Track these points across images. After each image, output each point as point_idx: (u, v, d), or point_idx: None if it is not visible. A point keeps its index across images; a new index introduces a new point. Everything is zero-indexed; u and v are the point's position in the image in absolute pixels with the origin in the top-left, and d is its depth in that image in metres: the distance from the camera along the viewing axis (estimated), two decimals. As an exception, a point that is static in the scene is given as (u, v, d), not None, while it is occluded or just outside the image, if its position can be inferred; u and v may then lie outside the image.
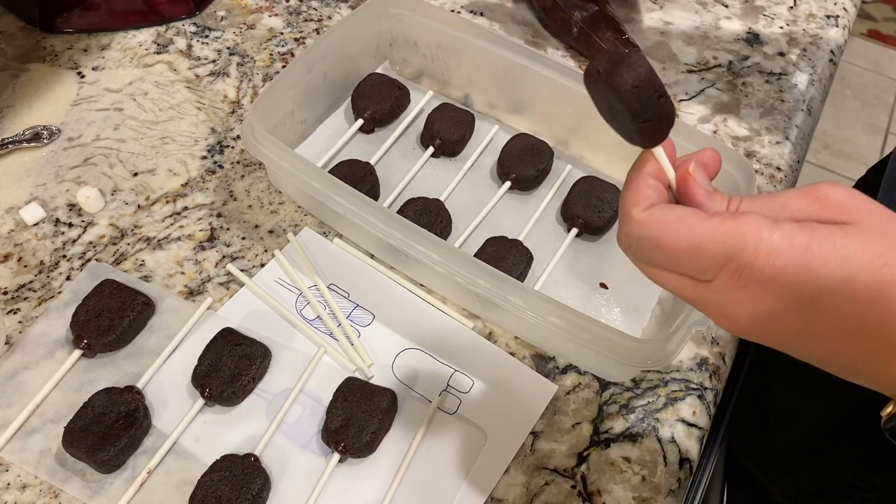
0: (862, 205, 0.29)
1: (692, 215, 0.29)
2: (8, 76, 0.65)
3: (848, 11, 0.78)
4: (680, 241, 0.29)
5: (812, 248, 0.28)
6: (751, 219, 0.28)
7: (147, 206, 0.57)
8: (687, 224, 0.29)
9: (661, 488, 0.47)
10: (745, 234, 0.28)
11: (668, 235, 0.30)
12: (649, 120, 0.31)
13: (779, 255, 0.28)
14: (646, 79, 0.30)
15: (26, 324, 0.50)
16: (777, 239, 0.28)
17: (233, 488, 0.43)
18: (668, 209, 0.30)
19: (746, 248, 0.28)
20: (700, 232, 0.29)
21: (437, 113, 0.61)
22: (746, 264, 0.28)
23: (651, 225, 0.30)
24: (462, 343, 0.51)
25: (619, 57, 0.30)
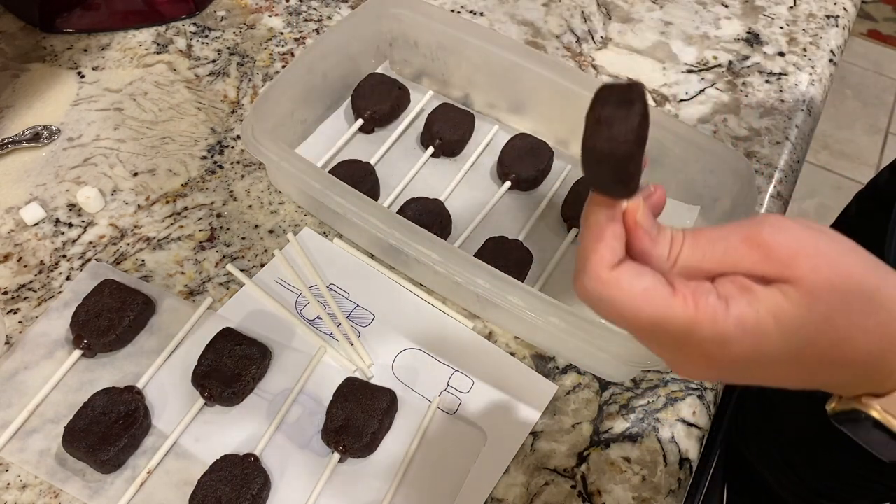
0: (805, 255, 0.29)
1: (656, 289, 0.29)
2: (8, 76, 0.65)
3: (848, 11, 0.78)
4: (640, 316, 0.29)
5: (761, 328, 0.29)
6: (708, 306, 0.29)
7: (147, 206, 0.57)
8: (651, 299, 0.29)
9: (661, 488, 0.47)
10: (702, 321, 0.29)
11: (630, 307, 0.30)
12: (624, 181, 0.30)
13: (731, 343, 0.29)
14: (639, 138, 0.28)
15: (26, 324, 0.50)
16: (730, 327, 0.29)
17: (233, 488, 0.43)
18: (635, 275, 0.30)
19: (703, 337, 0.29)
20: (661, 310, 0.29)
21: (437, 113, 0.61)
22: (701, 352, 0.30)
23: (615, 290, 0.30)
24: (462, 343, 0.51)
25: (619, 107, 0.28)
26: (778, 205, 0.62)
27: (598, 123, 0.28)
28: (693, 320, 0.29)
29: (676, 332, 0.29)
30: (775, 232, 0.29)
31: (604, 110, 0.28)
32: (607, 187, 0.30)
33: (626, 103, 0.28)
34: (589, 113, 0.29)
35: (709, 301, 0.29)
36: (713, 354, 0.30)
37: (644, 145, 0.29)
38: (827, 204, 1.83)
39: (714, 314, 0.29)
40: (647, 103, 0.28)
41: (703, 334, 0.29)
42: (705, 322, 0.29)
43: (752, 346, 0.29)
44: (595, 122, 0.29)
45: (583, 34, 0.72)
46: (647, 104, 0.28)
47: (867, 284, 0.29)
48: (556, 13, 0.74)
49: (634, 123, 0.28)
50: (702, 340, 0.29)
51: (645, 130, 0.28)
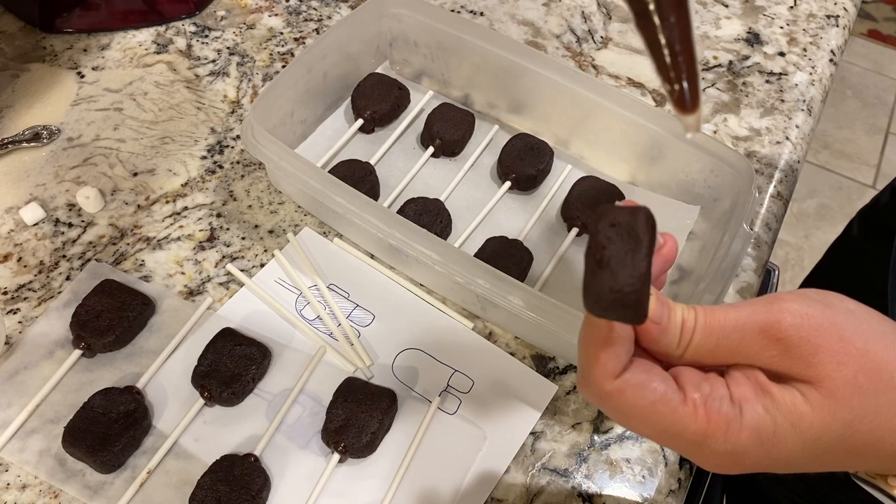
0: (828, 351, 0.26)
1: (663, 401, 0.27)
2: (8, 76, 0.65)
3: (848, 11, 0.78)
4: (648, 428, 0.28)
5: (779, 436, 0.27)
6: (720, 417, 0.27)
7: (147, 206, 0.57)
8: (658, 412, 0.27)
9: (661, 489, 0.47)
10: (714, 434, 0.27)
11: (636, 419, 0.28)
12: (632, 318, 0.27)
13: (746, 455, 0.27)
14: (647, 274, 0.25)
15: (26, 324, 0.50)
16: (745, 439, 0.27)
17: (233, 488, 0.43)
18: (640, 387, 0.28)
19: (715, 449, 0.27)
20: (670, 423, 0.27)
21: (437, 113, 0.61)
22: (715, 462, 0.28)
23: (620, 403, 0.28)
24: (462, 343, 0.51)
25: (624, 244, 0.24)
26: (778, 205, 0.62)
27: (601, 267, 0.25)
28: (704, 433, 0.27)
29: (688, 444, 0.28)
30: (796, 323, 0.27)
31: (607, 250, 0.25)
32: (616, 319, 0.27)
33: (632, 239, 0.24)
34: (589, 248, 0.25)
35: (721, 411, 0.27)
36: (727, 464, 0.28)
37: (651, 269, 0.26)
38: (827, 204, 1.83)
39: (727, 426, 0.27)
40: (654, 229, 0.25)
41: (714, 447, 0.27)
42: (718, 434, 0.27)
43: (768, 455, 0.27)
44: (596, 263, 0.25)
45: (583, 34, 0.72)
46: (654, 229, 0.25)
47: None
48: (557, 13, 0.74)
49: (643, 268, 0.24)
50: (713, 451, 0.27)
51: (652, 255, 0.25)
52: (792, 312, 0.27)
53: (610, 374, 0.28)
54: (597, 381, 0.28)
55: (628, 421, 0.29)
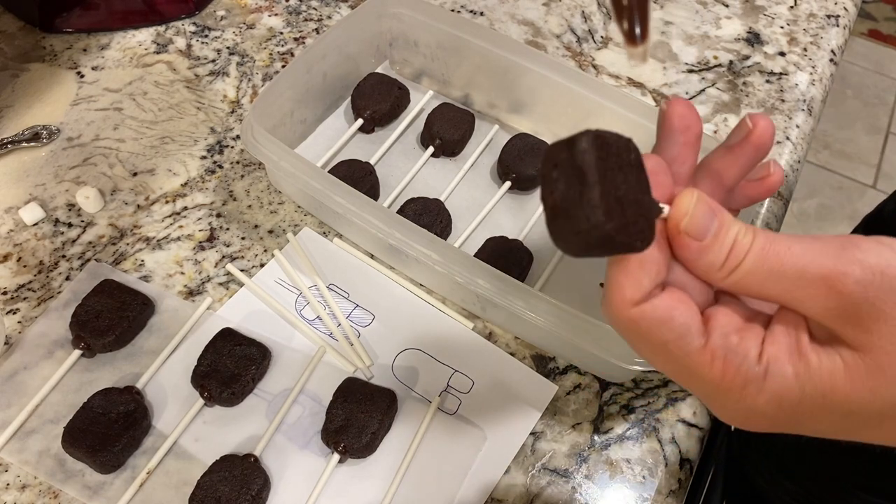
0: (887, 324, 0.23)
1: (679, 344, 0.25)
2: (8, 76, 0.64)
3: (848, 11, 0.78)
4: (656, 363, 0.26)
5: (804, 406, 0.24)
6: (738, 374, 0.24)
7: (146, 206, 0.57)
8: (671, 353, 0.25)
9: (661, 489, 0.47)
10: (728, 390, 0.25)
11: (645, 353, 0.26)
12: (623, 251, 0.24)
13: (763, 417, 0.25)
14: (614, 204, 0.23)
15: (26, 324, 0.50)
16: (762, 403, 0.24)
17: (233, 488, 0.43)
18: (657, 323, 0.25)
19: (725, 404, 0.25)
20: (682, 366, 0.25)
21: (437, 113, 0.61)
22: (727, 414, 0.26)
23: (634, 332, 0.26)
24: (462, 343, 0.51)
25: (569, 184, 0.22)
26: (778, 205, 0.62)
27: (555, 215, 0.23)
28: (717, 387, 0.25)
29: (699, 390, 0.26)
30: (865, 280, 0.23)
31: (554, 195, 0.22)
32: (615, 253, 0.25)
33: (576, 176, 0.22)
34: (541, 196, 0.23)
35: (740, 367, 0.24)
36: (740, 419, 0.26)
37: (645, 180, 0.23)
38: (827, 204, 1.83)
39: (744, 385, 0.24)
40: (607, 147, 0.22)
41: (726, 402, 0.25)
42: (732, 391, 0.25)
43: (784, 423, 0.25)
44: (551, 211, 0.23)
45: (583, 34, 0.72)
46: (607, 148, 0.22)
47: None
48: (557, 13, 0.74)
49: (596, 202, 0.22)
50: (724, 407, 0.26)
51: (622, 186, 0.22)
52: (864, 266, 0.23)
53: (628, 300, 0.25)
54: (614, 305, 0.26)
55: (641, 353, 0.27)
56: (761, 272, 0.25)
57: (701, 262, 0.26)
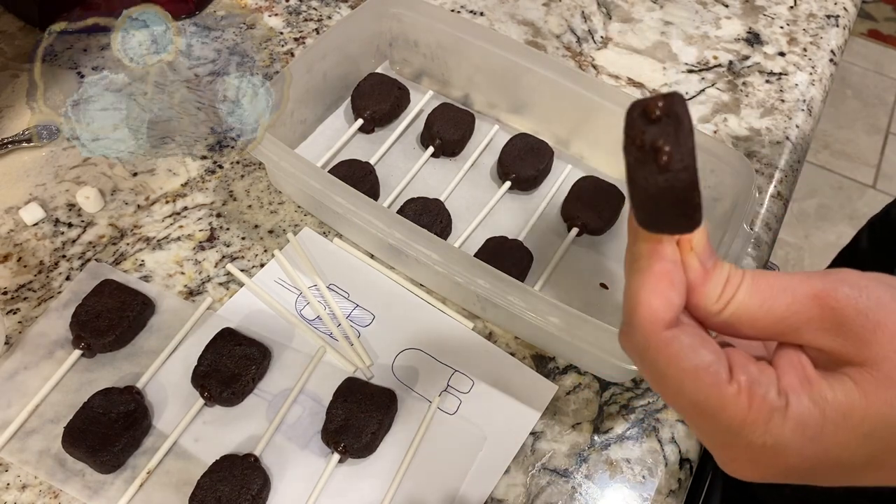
0: (885, 333, 0.23)
1: (708, 371, 0.24)
2: (8, 76, 0.65)
3: (848, 11, 0.78)
4: (682, 396, 0.25)
5: (827, 432, 0.24)
6: (764, 404, 0.24)
7: (147, 206, 0.57)
8: (699, 381, 0.24)
9: (661, 489, 0.47)
10: (754, 422, 0.24)
11: (673, 382, 0.25)
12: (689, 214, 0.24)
13: (788, 451, 0.24)
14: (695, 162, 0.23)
15: (26, 324, 0.50)
16: (788, 433, 0.24)
17: (233, 488, 0.43)
18: (690, 347, 0.24)
19: (753, 440, 0.24)
20: (708, 398, 0.24)
21: (437, 113, 0.61)
22: (749, 456, 0.25)
23: (662, 358, 0.25)
24: (462, 343, 0.51)
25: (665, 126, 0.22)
26: (778, 205, 0.62)
27: (644, 153, 0.23)
28: (744, 420, 0.24)
29: (723, 429, 0.25)
30: (853, 295, 0.24)
31: (647, 133, 0.22)
32: (667, 226, 0.24)
33: (672, 119, 0.22)
34: (627, 142, 0.23)
35: (766, 397, 0.24)
36: (763, 461, 0.25)
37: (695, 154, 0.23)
38: (827, 204, 1.83)
39: (770, 415, 0.24)
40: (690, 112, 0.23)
41: (752, 438, 0.24)
42: (758, 423, 0.24)
43: (815, 454, 0.24)
44: (638, 152, 0.23)
45: (583, 34, 0.72)
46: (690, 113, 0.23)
47: None
48: (557, 13, 0.74)
49: (690, 143, 0.22)
50: (751, 444, 0.24)
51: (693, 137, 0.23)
52: (850, 283, 0.24)
53: (659, 320, 0.24)
54: (643, 326, 0.25)
55: (664, 382, 0.25)
56: (755, 302, 0.25)
57: (703, 291, 0.25)
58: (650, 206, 0.24)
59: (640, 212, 0.24)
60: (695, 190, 0.23)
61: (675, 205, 0.23)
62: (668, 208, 0.23)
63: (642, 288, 0.25)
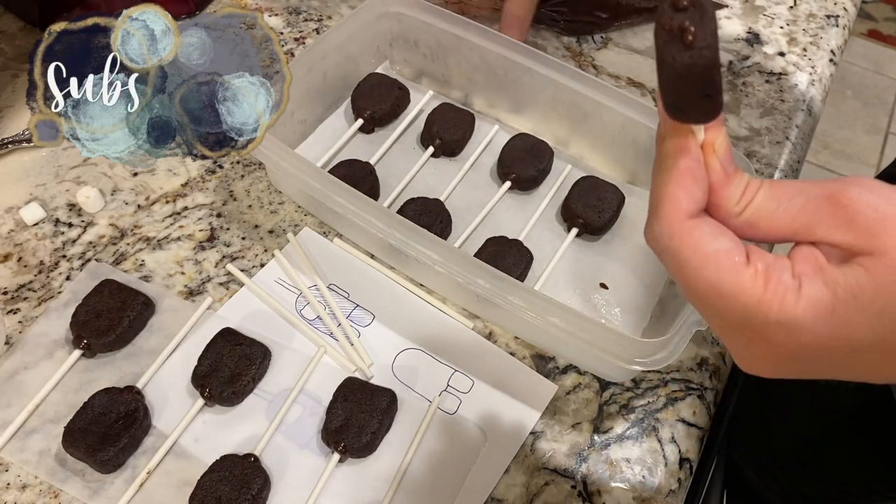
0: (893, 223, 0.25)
1: (728, 255, 0.26)
2: (8, 76, 0.65)
3: (848, 11, 0.78)
4: (701, 279, 0.27)
5: (838, 312, 0.25)
6: (779, 285, 0.26)
7: (147, 206, 0.57)
8: (719, 263, 0.26)
9: (661, 488, 0.47)
10: (770, 301, 0.26)
11: (694, 266, 0.27)
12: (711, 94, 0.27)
13: (802, 329, 0.26)
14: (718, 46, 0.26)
15: (26, 324, 0.50)
16: (801, 311, 0.25)
17: (233, 488, 0.43)
18: (710, 234, 0.27)
19: (768, 319, 0.26)
20: (727, 279, 0.26)
21: (437, 113, 0.61)
22: (764, 337, 0.27)
23: (685, 245, 0.27)
24: (462, 343, 0.51)
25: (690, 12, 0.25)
26: (778, 205, 0.62)
27: (672, 33, 0.25)
28: (760, 299, 0.26)
29: (740, 309, 0.26)
30: (863, 193, 0.26)
31: (674, 19, 0.25)
32: (691, 108, 0.27)
33: (697, 8, 0.25)
34: (657, 28, 0.26)
35: (781, 279, 0.26)
36: (778, 341, 0.26)
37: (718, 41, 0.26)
38: (827, 204, 1.83)
39: (784, 295, 0.26)
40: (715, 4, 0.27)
41: (769, 316, 0.26)
42: (774, 302, 0.26)
43: (827, 333, 0.26)
44: (667, 34, 0.26)
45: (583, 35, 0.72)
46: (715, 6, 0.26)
47: None
48: (556, 13, 0.74)
49: (712, 26, 0.25)
50: (766, 323, 0.26)
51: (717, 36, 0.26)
52: (861, 183, 0.26)
53: (683, 211, 0.27)
54: (668, 217, 0.27)
55: (686, 269, 0.27)
56: (772, 205, 0.27)
57: (725, 193, 0.28)
58: (678, 86, 0.26)
59: (667, 95, 0.27)
60: (716, 69, 0.26)
61: (699, 84, 0.26)
62: (693, 87, 0.26)
63: (668, 182, 0.27)
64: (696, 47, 0.25)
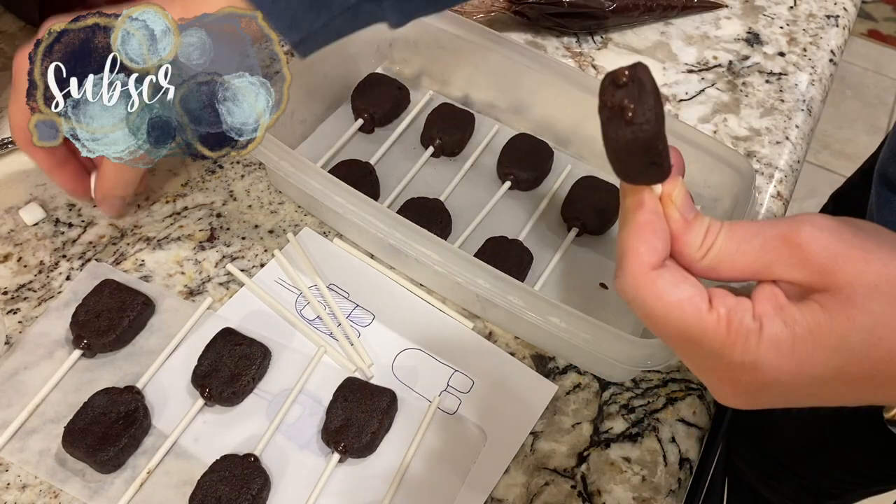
0: (846, 260, 0.26)
1: (691, 301, 0.28)
2: (8, 76, 0.64)
3: (848, 11, 0.78)
4: (669, 325, 0.28)
5: (798, 349, 0.27)
6: (741, 327, 0.27)
7: (147, 206, 0.57)
8: (683, 310, 0.28)
9: (661, 488, 0.47)
10: (734, 344, 0.27)
11: (661, 314, 0.28)
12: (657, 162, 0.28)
13: (764, 367, 0.27)
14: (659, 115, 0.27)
15: (26, 324, 0.50)
16: (763, 351, 0.27)
17: (233, 488, 0.43)
18: (672, 283, 0.28)
19: (733, 360, 0.27)
20: (692, 324, 0.28)
21: (437, 113, 0.61)
22: (732, 377, 0.28)
23: (650, 294, 0.28)
24: (462, 343, 0.51)
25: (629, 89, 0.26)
26: (778, 205, 0.62)
27: (613, 111, 0.27)
28: (724, 342, 0.27)
29: (706, 352, 0.28)
30: (814, 233, 0.27)
31: (615, 97, 0.27)
32: (640, 175, 0.29)
33: (636, 84, 0.26)
34: (600, 105, 0.27)
35: (742, 322, 0.27)
36: (745, 380, 0.28)
37: (664, 122, 0.27)
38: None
39: (746, 336, 0.27)
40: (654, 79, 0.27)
41: (733, 358, 0.27)
42: (737, 345, 0.27)
43: (789, 369, 0.27)
44: (609, 111, 0.27)
45: (583, 34, 0.72)
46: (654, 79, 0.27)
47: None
48: (556, 13, 0.73)
49: (651, 102, 0.26)
50: (732, 363, 0.27)
51: (661, 107, 0.27)
52: (812, 223, 0.27)
53: (645, 263, 0.28)
54: (631, 269, 0.28)
55: (653, 317, 0.28)
56: (732, 246, 0.28)
57: (686, 239, 0.29)
58: (623, 157, 0.28)
59: (615, 164, 0.29)
60: (658, 139, 0.27)
61: (642, 155, 0.27)
62: (637, 157, 0.27)
63: (629, 236, 0.29)
64: (636, 123, 0.26)
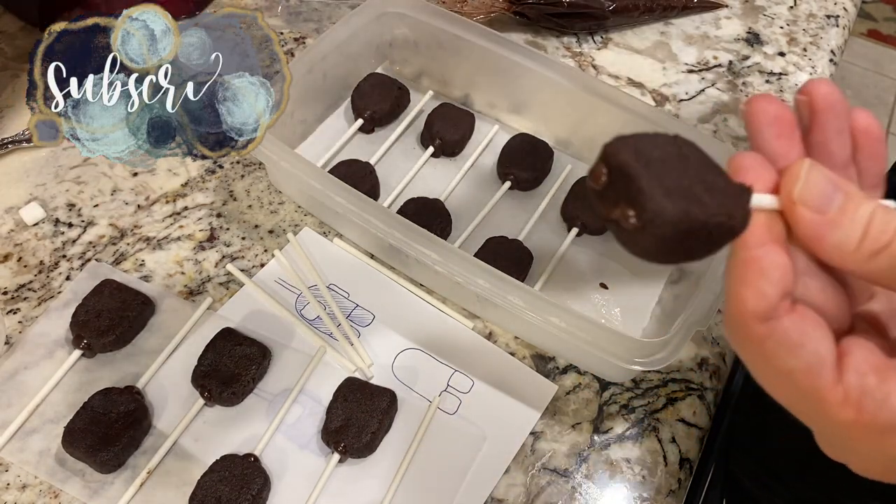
0: None
1: (809, 377, 0.21)
2: (8, 76, 0.65)
3: (848, 11, 0.78)
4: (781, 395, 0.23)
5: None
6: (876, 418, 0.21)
7: (147, 206, 0.57)
8: (798, 384, 0.22)
9: (661, 489, 0.47)
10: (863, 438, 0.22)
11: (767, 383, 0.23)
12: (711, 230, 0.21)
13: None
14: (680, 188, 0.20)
15: (26, 324, 0.50)
16: None
17: (233, 488, 0.43)
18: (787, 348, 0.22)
19: (861, 450, 0.22)
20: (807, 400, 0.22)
21: (437, 113, 0.61)
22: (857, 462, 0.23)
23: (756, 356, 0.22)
24: (462, 343, 0.51)
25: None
26: (778, 205, 0.62)
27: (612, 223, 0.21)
28: (848, 432, 0.21)
29: (823, 426, 0.23)
30: None
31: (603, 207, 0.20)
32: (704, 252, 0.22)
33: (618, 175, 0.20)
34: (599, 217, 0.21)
35: (878, 415, 0.21)
36: (877, 470, 0.23)
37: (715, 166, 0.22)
38: (827, 204, 1.83)
39: (882, 432, 0.21)
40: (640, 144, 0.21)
41: (858, 447, 0.22)
42: (866, 439, 0.21)
43: None
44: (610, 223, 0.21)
45: (583, 34, 0.72)
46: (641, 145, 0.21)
47: None
48: (556, 13, 0.73)
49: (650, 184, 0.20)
50: (855, 451, 0.22)
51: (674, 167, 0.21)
52: None
53: (751, 314, 0.21)
54: (735, 320, 0.22)
55: (759, 376, 0.23)
56: None
57: (828, 242, 0.21)
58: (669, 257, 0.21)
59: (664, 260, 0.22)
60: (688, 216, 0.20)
61: (682, 241, 0.21)
62: (681, 246, 0.21)
63: (730, 279, 0.22)
64: (646, 220, 0.20)
